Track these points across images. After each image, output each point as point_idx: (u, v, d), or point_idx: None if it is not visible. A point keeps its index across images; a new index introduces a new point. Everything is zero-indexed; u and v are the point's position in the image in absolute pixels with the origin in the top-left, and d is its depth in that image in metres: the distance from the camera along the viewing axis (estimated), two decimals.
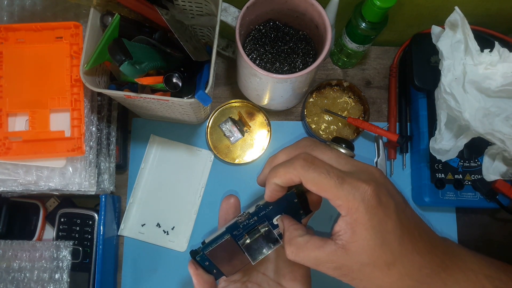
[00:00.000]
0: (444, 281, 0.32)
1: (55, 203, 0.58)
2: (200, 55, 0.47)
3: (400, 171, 0.60)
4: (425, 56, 0.57)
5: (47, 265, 0.52)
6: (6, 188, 0.49)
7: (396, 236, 0.30)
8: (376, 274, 0.31)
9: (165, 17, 0.44)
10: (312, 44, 0.54)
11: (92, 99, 0.51)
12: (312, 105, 0.59)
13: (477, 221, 0.60)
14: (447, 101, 0.49)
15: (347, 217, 0.31)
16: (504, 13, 0.56)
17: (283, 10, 0.51)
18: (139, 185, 0.59)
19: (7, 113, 0.47)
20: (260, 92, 0.53)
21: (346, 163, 0.33)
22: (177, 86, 0.45)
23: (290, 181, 0.33)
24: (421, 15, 0.56)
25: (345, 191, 0.30)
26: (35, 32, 0.48)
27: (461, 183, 0.55)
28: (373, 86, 0.63)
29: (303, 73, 0.45)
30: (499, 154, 0.52)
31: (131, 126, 0.61)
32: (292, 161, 0.33)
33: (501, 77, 0.48)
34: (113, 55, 0.39)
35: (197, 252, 0.39)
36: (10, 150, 0.47)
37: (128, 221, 0.58)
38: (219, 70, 0.63)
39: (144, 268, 0.57)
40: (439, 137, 0.51)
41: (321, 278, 0.37)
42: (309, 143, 0.35)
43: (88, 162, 0.50)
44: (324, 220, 0.58)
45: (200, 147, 0.60)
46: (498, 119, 0.48)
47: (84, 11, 0.50)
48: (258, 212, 0.38)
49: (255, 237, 0.38)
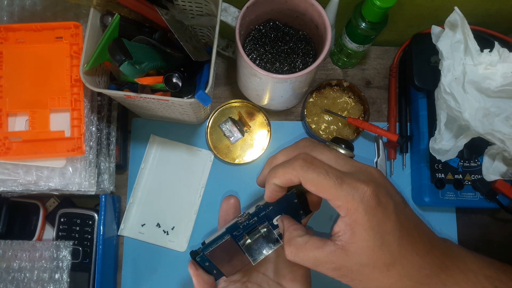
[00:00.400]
0: (443, 282, 0.32)
1: (55, 203, 0.58)
2: (200, 55, 0.47)
3: (400, 171, 0.60)
4: (425, 56, 0.57)
5: (47, 265, 0.52)
6: (6, 188, 0.49)
7: (395, 237, 0.30)
8: (375, 275, 0.31)
9: (165, 17, 0.44)
10: (312, 44, 0.54)
11: (92, 99, 0.51)
12: (312, 105, 0.59)
13: (477, 221, 0.60)
14: (447, 101, 0.49)
15: (346, 217, 0.31)
16: (504, 13, 0.56)
17: (283, 10, 0.51)
18: (139, 185, 0.59)
19: (7, 113, 0.47)
20: (260, 92, 0.53)
21: (345, 164, 0.33)
22: (177, 86, 0.45)
23: (289, 181, 0.33)
24: (421, 15, 0.56)
25: (344, 192, 0.30)
26: (35, 32, 0.48)
27: (461, 183, 0.55)
28: (373, 86, 0.63)
29: (303, 73, 0.45)
30: (499, 154, 0.52)
31: (131, 126, 0.61)
32: (291, 162, 0.33)
33: (501, 77, 0.48)
34: (113, 55, 0.39)
35: (197, 253, 0.39)
36: (10, 150, 0.47)
37: (128, 221, 0.58)
38: (219, 70, 0.63)
39: (144, 268, 0.57)
40: (439, 137, 0.51)
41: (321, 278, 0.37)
42: (308, 143, 0.35)
43: (88, 162, 0.50)
44: (324, 221, 0.58)
45: (200, 147, 0.60)
46: (498, 119, 0.48)
47: (84, 11, 0.50)
48: (258, 213, 0.38)
49: (255, 238, 0.38)
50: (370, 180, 0.31)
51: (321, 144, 0.36)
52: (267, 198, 0.36)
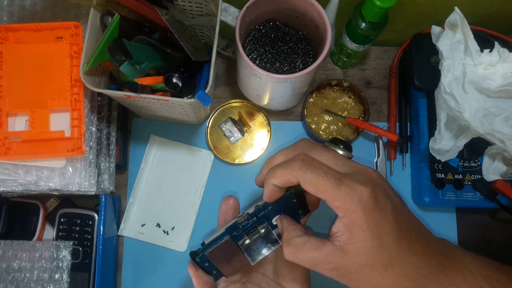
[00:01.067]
0: (441, 282, 0.32)
1: (55, 203, 0.58)
2: (200, 55, 0.47)
3: (400, 171, 0.60)
4: (425, 56, 0.57)
5: (47, 265, 0.52)
6: (6, 188, 0.49)
7: (393, 238, 0.30)
8: (373, 275, 0.31)
9: (165, 17, 0.44)
10: (312, 44, 0.54)
11: (92, 99, 0.51)
12: (312, 105, 0.59)
13: (477, 221, 0.60)
14: (447, 101, 0.49)
15: (344, 218, 0.31)
16: (504, 13, 0.56)
17: (283, 10, 0.51)
18: (139, 185, 0.59)
19: (7, 113, 0.47)
20: (260, 92, 0.53)
21: (343, 165, 0.33)
22: (177, 86, 0.45)
23: (288, 182, 0.33)
24: (421, 15, 0.56)
25: (342, 193, 0.30)
26: (35, 32, 0.48)
27: (461, 183, 0.55)
28: (373, 86, 0.63)
29: (303, 73, 0.45)
30: (499, 154, 0.52)
31: (131, 126, 0.61)
32: (290, 162, 0.33)
33: (500, 78, 0.48)
34: (113, 55, 0.39)
35: (196, 253, 0.39)
36: (10, 150, 0.47)
37: (128, 221, 0.58)
38: (219, 70, 0.63)
39: (144, 268, 0.57)
40: (439, 137, 0.51)
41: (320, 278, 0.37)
42: (306, 144, 0.35)
43: (88, 162, 0.50)
44: (323, 221, 0.58)
45: (200, 147, 0.60)
46: (498, 119, 0.48)
47: (84, 11, 0.50)
48: (257, 213, 0.38)
49: (255, 238, 0.38)
50: (368, 181, 0.32)
51: (320, 144, 0.36)
52: (266, 198, 0.36)
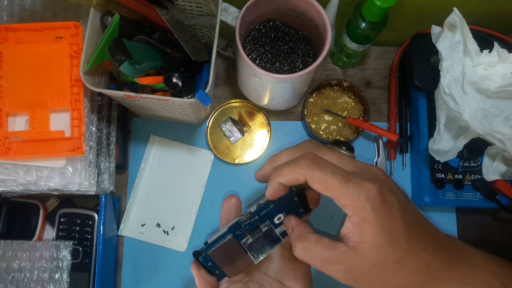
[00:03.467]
0: (451, 275, 0.32)
1: (55, 203, 0.58)
2: (200, 55, 0.47)
3: (400, 171, 0.60)
4: (425, 56, 0.57)
5: (47, 265, 0.52)
6: (6, 188, 0.49)
7: (402, 234, 0.31)
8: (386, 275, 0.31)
9: (165, 17, 0.44)
10: (312, 44, 0.54)
11: (92, 99, 0.51)
12: (312, 105, 0.59)
13: (477, 221, 0.60)
14: (447, 102, 0.49)
15: (353, 216, 0.31)
16: (504, 13, 0.56)
17: (283, 10, 0.51)
18: (139, 185, 0.59)
19: (7, 113, 0.47)
20: (260, 92, 0.53)
21: (348, 164, 0.34)
22: (177, 86, 0.45)
23: (295, 180, 0.33)
24: (421, 15, 0.56)
25: (350, 190, 0.31)
26: (35, 32, 0.48)
27: (461, 183, 0.55)
28: (373, 86, 0.63)
29: (303, 73, 0.45)
30: (499, 154, 0.52)
31: (131, 126, 0.61)
32: (297, 161, 0.33)
33: (500, 78, 0.48)
34: (113, 55, 0.39)
35: (199, 253, 0.39)
36: (10, 150, 0.47)
37: (128, 221, 0.58)
38: (219, 70, 0.63)
39: (144, 268, 0.57)
40: (438, 138, 0.51)
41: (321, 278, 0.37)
42: (311, 144, 0.36)
43: (88, 162, 0.50)
44: (323, 220, 0.58)
45: (200, 147, 0.60)
46: (498, 119, 0.48)
47: (84, 11, 0.50)
48: (260, 211, 0.38)
49: (257, 236, 0.38)
50: (374, 178, 0.32)
51: (324, 145, 0.36)
52: (269, 195, 0.36)
